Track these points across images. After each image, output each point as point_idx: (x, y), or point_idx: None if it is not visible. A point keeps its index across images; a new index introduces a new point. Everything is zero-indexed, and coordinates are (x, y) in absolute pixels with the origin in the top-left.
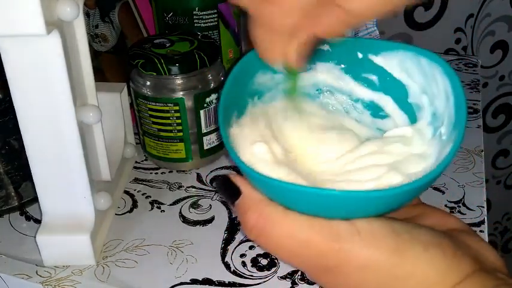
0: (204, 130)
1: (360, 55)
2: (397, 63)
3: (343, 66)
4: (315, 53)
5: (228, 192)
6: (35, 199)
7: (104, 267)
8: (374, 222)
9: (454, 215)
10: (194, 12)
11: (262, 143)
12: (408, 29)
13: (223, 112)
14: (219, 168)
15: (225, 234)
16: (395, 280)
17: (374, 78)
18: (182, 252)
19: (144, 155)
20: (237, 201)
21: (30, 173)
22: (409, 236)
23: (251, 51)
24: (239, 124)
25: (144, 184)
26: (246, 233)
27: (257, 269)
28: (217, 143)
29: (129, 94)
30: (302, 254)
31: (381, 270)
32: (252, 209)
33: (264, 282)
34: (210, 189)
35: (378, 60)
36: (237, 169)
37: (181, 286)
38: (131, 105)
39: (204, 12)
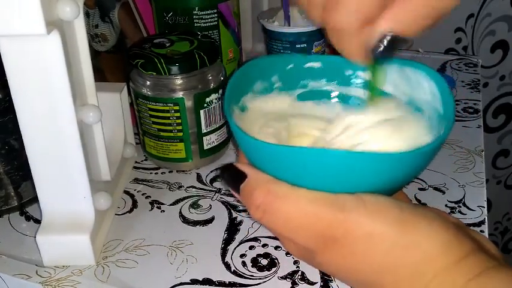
0: (204, 130)
1: (349, 72)
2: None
3: (334, 83)
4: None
5: (233, 177)
6: (34, 199)
7: (104, 268)
8: (380, 196)
9: (455, 217)
10: (194, 12)
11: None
12: None
13: (229, 96)
14: (219, 168)
15: (225, 234)
16: (400, 250)
17: (363, 93)
18: (182, 252)
19: (144, 155)
20: (243, 185)
21: (30, 173)
22: (413, 211)
23: (254, 59)
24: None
25: (144, 184)
26: (251, 213)
27: (257, 269)
28: (217, 143)
29: (129, 94)
30: (310, 226)
31: (385, 239)
32: (258, 187)
33: (264, 282)
34: (210, 189)
35: (366, 75)
36: None
37: (181, 286)
38: (131, 105)
39: (204, 12)
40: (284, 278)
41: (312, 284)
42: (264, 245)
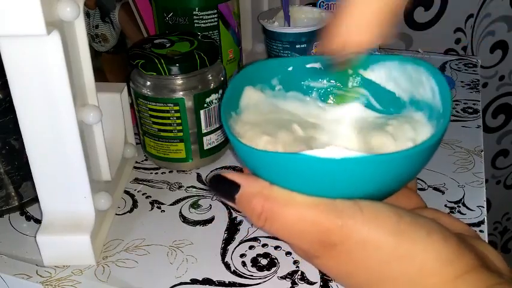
0: (204, 130)
1: (350, 71)
2: (385, 74)
3: (335, 82)
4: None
5: (225, 188)
6: (35, 199)
7: (104, 267)
8: (378, 203)
9: (462, 221)
10: (194, 12)
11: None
12: (408, 29)
13: (226, 102)
14: (219, 168)
15: (225, 234)
16: (395, 261)
17: (364, 91)
18: (182, 252)
19: (144, 155)
20: (238, 194)
21: (30, 173)
22: (412, 220)
23: (251, 63)
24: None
25: (144, 184)
26: (253, 221)
27: (257, 269)
28: (217, 143)
29: (129, 94)
30: (310, 232)
31: (381, 248)
32: (256, 195)
33: (264, 282)
34: None
35: (367, 73)
36: (237, 170)
37: (181, 286)
38: (131, 105)
39: (204, 12)
40: (284, 277)
41: (312, 283)
42: (264, 245)
